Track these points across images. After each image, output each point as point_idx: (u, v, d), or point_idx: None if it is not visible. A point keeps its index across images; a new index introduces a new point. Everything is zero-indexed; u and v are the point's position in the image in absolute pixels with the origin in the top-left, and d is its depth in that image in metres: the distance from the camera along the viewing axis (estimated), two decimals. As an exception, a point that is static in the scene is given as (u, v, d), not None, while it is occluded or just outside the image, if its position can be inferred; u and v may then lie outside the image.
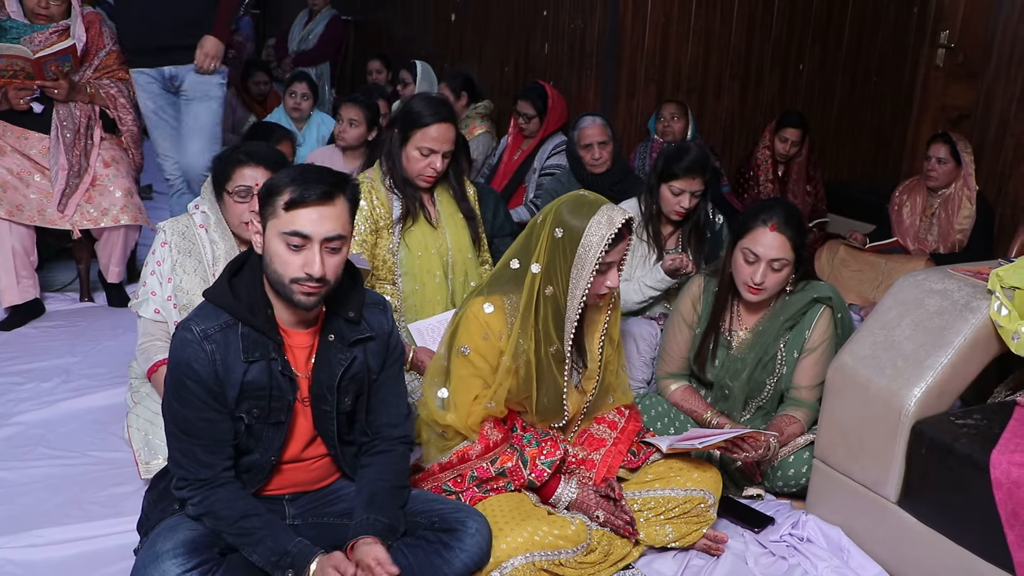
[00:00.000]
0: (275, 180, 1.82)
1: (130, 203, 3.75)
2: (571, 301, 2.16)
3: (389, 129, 2.93)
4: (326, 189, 1.79)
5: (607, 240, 2.10)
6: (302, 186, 1.78)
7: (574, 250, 2.12)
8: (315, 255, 1.79)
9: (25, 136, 3.62)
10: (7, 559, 2.18)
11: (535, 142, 4.67)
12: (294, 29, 7.28)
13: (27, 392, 3.09)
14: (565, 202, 2.18)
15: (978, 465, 1.96)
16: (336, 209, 1.82)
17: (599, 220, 2.11)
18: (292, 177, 1.80)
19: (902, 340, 2.24)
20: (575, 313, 2.17)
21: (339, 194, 1.83)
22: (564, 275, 2.14)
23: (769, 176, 4.72)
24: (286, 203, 1.78)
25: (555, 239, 2.14)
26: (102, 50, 3.77)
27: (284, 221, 1.78)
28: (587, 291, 2.14)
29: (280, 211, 1.79)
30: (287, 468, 2.00)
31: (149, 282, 2.62)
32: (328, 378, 1.94)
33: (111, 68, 3.79)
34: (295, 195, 1.77)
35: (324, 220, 1.79)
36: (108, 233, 3.78)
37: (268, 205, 1.82)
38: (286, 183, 1.79)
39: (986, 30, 4.84)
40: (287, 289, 1.82)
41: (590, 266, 2.11)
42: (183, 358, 1.82)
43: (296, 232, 1.78)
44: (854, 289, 4.19)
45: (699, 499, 2.27)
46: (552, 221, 2.15)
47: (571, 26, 4.93)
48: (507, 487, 2.20)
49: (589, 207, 2.14)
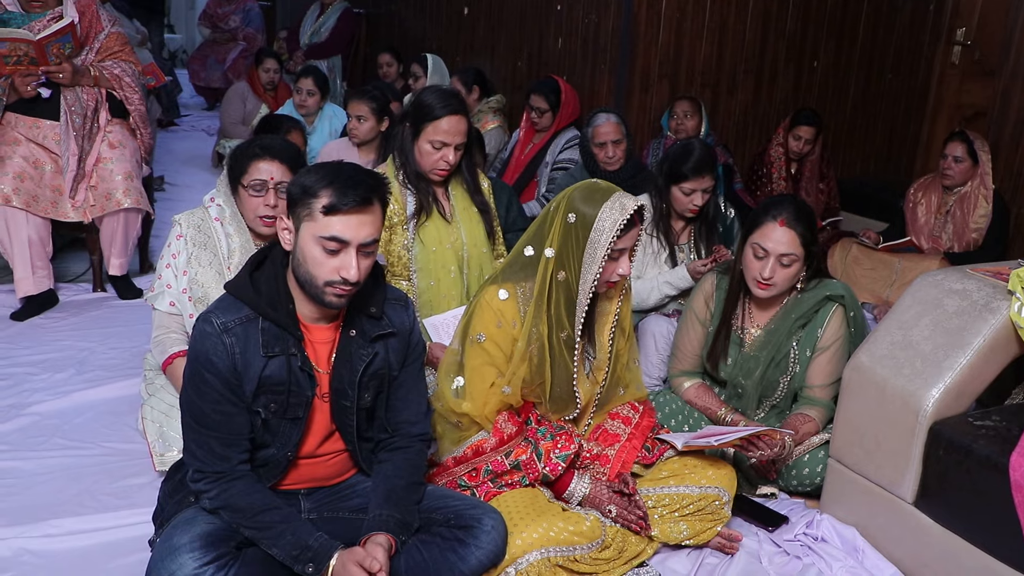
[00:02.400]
0: (310, 181, 1.79)
1: (131, 187, 3.72)
2: (582, 286, 2.17)
3: (401, 124, 2.92)
4: (365, 195, 1.78)
5: (619, 225, 2.11)
6: (340, 191, 1.76)
7: (586, 235, 2.13)
8: (352, 259, 1.79)
9: (37, 125, 3.62)
10: (23, 548, 2.20)
11: (547, 136, 4.66)
12: (306, 22, 7.30)
13: (41, 382, 3.10)
14: (578, 189, 2.19)
15: (996, 467, 1.95)
16: (373, 214, 1.81)
17: (611, 206, 2.12)
18: (329, 179, 1.78)
19: (920, 340, 2.23)
20: (586, 298, 2.18)
21: (376, 198, 1.82)
22: (576, 260, 2.15)
23: (782, 174, 4.70)
24: (324, 207, 1.76)
25: (568, 224, 2.15)
26: (101, 33, 3.74)
27: (321, 225, 1.77)
28: (598, 276, 2.15)
29: (318, 214, 1.77)
30: (303, 463, 2.00)
31: (164, 275, 2.63)
32: (349, 373, 1.94)
33: (113, 50, 3.76)
34: (334, 200, 1.76)
35: (362, 226, 1.79)
36: (108, 222, 3.73)
37: (302, 206, 1.79)
38: (323, 185, 1.77)
39: (1004, 28, 4.80)
40: (318, 290, 1.82)
41: (602, 251, 2.12)
42: (202, 350, 1.83)
43: (335, 237, 1.77)
44: (867, 288, 4.18)
45: (714, 497, 2.26)
46: (565, 207, 2.16)
47: (585, 21, 4.91)
48: (521, 481, 2.20)
49: (602, 194, 2.15)
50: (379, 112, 4.26)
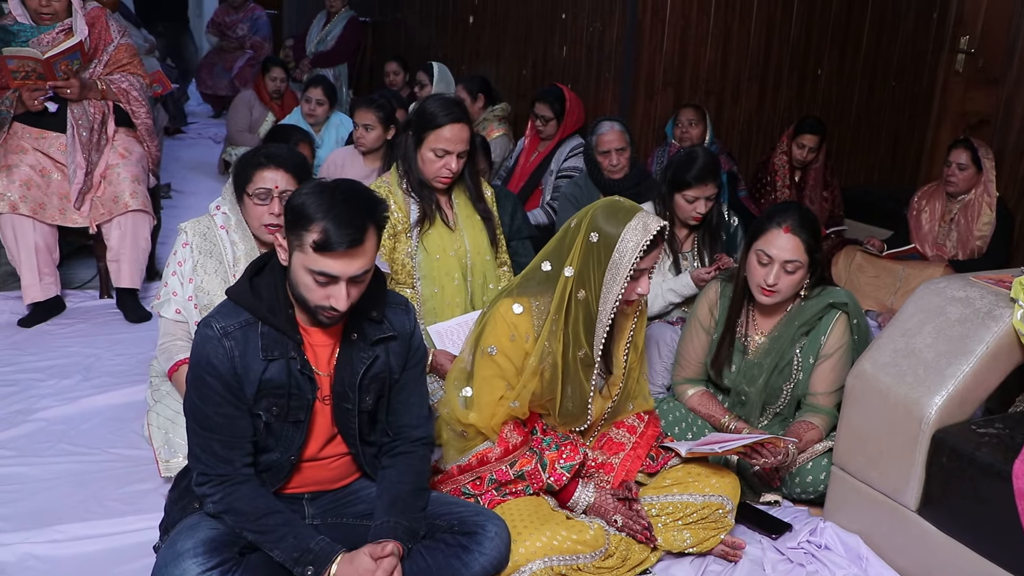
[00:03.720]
0: (304, 205, 1.77)
1: (138, 190, 3.72)
2: (603, 306, 2.17)
3: (404, 132, 2.94)
4: (356, 236, 1.76)
5: (642, 247, 2.11)
6: (333, 228, 1.74)
7: (608, 255, 2.12)
8: (341, 291, 1.81)
9: (43, 136, 3.64)
10: (29, 553, 2.21)
11: (552, 144, 4.67)
12: (312, 30, 7.32)
13: (48, 388, 3.12)
14: (600, 207, 2.18)
15: (1000, 475, 1.95)
16: (365, 247, 1.80)
17: (634, 226, 2.12)
18: (323, 213, 1.75)
19: (923, 348, 2.23)
20: (607, 318, 2.18)
21: (370, 228, 1.80)
22: (597, 280, 2.15)
23: (786, 182, 4.70)
24: (315, 243, 1.75)
25: (590, 243, 2.14)
26: (110, 44, 3.74)
27: (311, 259, 1.77)
28: (620, 296, 2.14)
29: (308, 248, 1.76)
30: (306, 467, 2.01)
31: (170, 282, 2.64)
32: (350, 376, 1.95)
33: (121, 62, 3.77)
34: (324, 239, 1.74)
35: (353, 262, 1.79)
36: (116, 229, 3.70)
37: (295, 232, 1.79)
38: (317, 217, 1.75)
39: (1007, 36, 4.80)
40: (310, 309, 1.85)
41: (624, 272, 2.12)
42: (203, 354, 1.85)
43: (324, 273, 1.78)
44: (871, 295, 4.18)
45: (717, 505, 2.26)
46: (587, 226, 2.15)
47: (590, 29, 4.93)
48: (526, 490, 2.21)
49: (625, 213, 2.15)
50: (385, 120, 4.26)
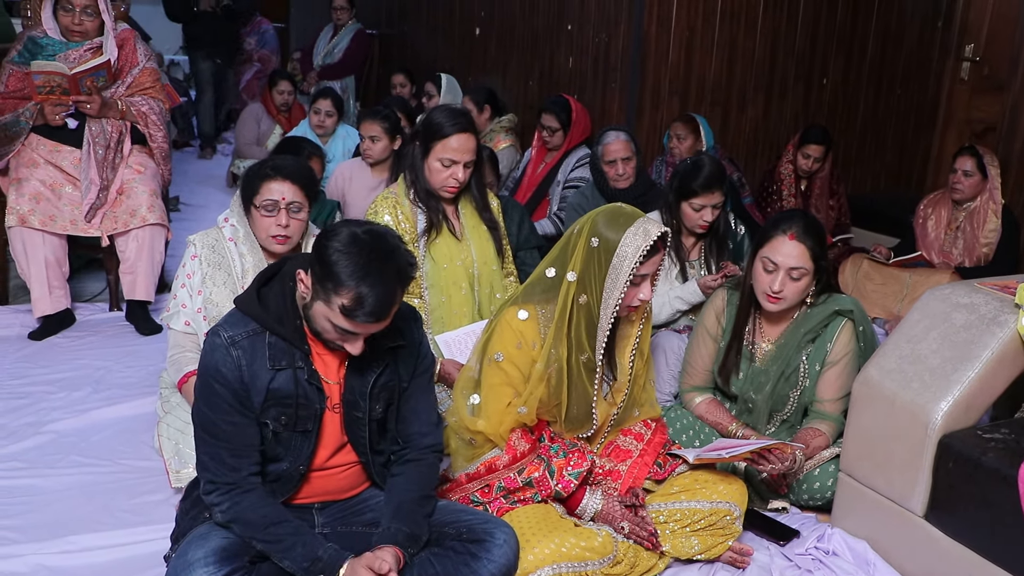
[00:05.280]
0: (337, 264, 1.75)
1: (156, 204, 3.75)
2: (604, 311, 2.18)
3: (411, 142, 2.96)
4: (385, 312, 1.78)
5: (642, 252, 2.12)
6: (364, 301, 1.74)
7: (609, 260, 2.14)
8: (359, 343, 1.85)
9: (57, 149, 3.66)
10: (41, 564, 2.22)
11: (559, 155, 4.68)
12: (319, 43, 7.36)
13: (59, 401, 3.13)
14: (602, 213, 2.20)
15: (1006, 480, 1.95)
16: (390, 315, 1.83)
17: (635, 232, 2.13)
18: (356, 278, 1.74)
19: (928, 354, 2.23)
20: (607, 323, 2.19)
21: (395, 306, 1.83)
22: (598, 285, 2.16)
23: (792, 190, 4.70)
24: (343, 308, 1.76)
25: (591, 248, 2.16)
26: (135, 67, 3.78)
27: (335, 316, 1.79)
28: (620, 301, 2.16)
29: (335, 307, 1.77)
30: (315, 476, 2.03)
31: (179, 295, 2.66)
32: (360, 385, 1.97)
33: (144, 86, 3.81)
34: (354, 309, 1.75)
35: (374, 327, 1.83)
36: (133, 243, 3.71)
37: (323, 286, 1.78)
38: (350, 285, 1.74)
39: (1012, 43, 4.82)
40: (325, 343, 1.90)
41: (624, 277, 2.13)
42: (211, 363, 1.87)
43: (348, 331, 1.81)
44: (878, 303, 4.18)
45: (725, 511, 2.27)
46: (588, 231, 2.17)
47: (596, 40, 4.95)
48: (534, 498, 2.21)
49: (626, 219, 2.16)
50: (391, 131, 4.28)
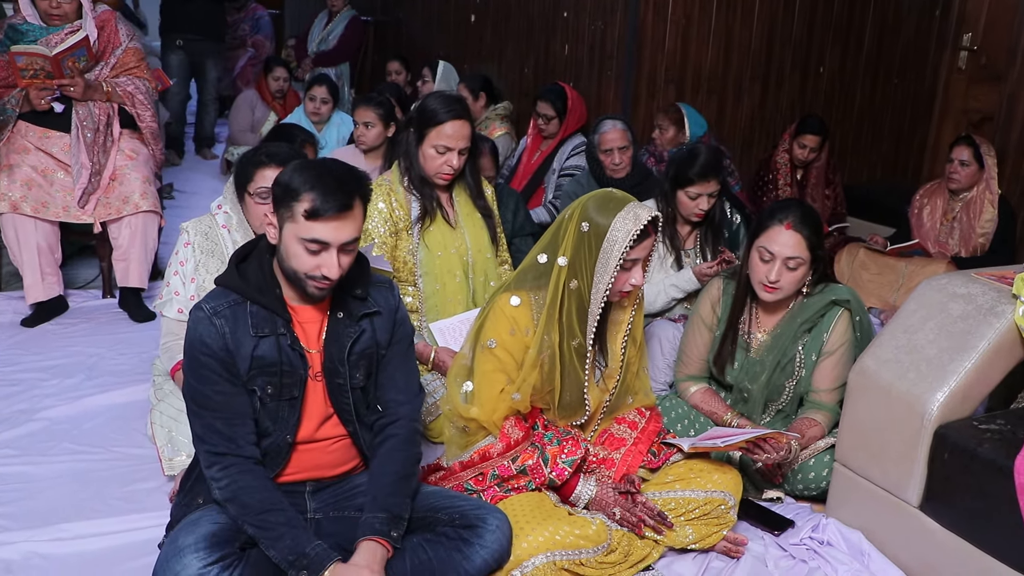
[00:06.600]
0: (292, 180, 1.85)
1: (148, 191, 3.74)
2: (594, 295, 2.18)
3: (405, 129, 2.95)
4: (345, 201, 1.85)
5: (632, 236, 2.11)
6: (322, 196, 1.82)
7: (599, 245, 2.14)
8: (333, 258, 1.88)
9: (47, 135, 3.65)
10: (33, 552, 2.21)
11: (554, 143, 4.67)
12: (314, 30, 7.33)
13: (51, 388, 3.12)
14: (593, 198, 2.20)
15: (1002, 470, 1.95)
16: (353, 215, 1.88)
17: (625, 216, 2.13)
18: (311, 183, 1.84)
19: (925, 344, 2.23)
20: (597, 308, 2.19)
21: (357, 196, 1.88)
22: (589, 269, 2.16)
23: (788, 180, 4.69)
24: (306, 212, 1.83)
25: (581, 233, 2.16)
26: (118, 48, 3.76)
27: (303, 228, 1.85)
28: (610, 286, 2.16)
29: (299, 217, 1.84)
30: (303, 449, 2.03)
31: (172, 282, 2.65)
32: (338, 351, 1.99)
33: (128, 66, 3.79)
34: (316, 206, 1.82)
35: (343, 228, 1.87)
36: (126, 229, 3.71)
37: (285, 206, 1.86)
38: (306, 188, 1.83)
39: (1010, 33, 4.81)
40: (301, 282, 1.91)
41: (614, 261, 2.13)
42: (196, 335, 1.91)
43: (316, 240, 1.85)
44: (874, 292, 4.17)
45: (719, 501, 2.27)
46: (579, 216, 2.17)
47: (591, 28, 4.93)
48: (528, 486, 2.21)
49: (616, 203, 2.16)
50: (385, 118, 4.27)
